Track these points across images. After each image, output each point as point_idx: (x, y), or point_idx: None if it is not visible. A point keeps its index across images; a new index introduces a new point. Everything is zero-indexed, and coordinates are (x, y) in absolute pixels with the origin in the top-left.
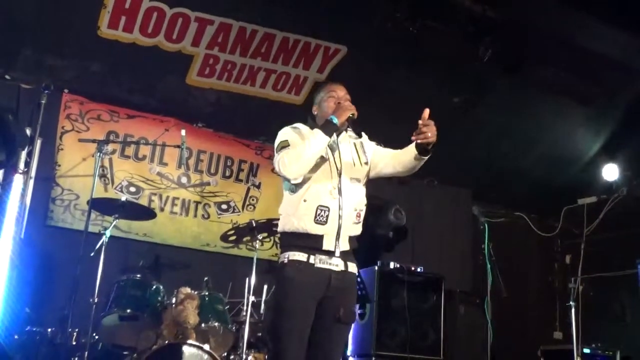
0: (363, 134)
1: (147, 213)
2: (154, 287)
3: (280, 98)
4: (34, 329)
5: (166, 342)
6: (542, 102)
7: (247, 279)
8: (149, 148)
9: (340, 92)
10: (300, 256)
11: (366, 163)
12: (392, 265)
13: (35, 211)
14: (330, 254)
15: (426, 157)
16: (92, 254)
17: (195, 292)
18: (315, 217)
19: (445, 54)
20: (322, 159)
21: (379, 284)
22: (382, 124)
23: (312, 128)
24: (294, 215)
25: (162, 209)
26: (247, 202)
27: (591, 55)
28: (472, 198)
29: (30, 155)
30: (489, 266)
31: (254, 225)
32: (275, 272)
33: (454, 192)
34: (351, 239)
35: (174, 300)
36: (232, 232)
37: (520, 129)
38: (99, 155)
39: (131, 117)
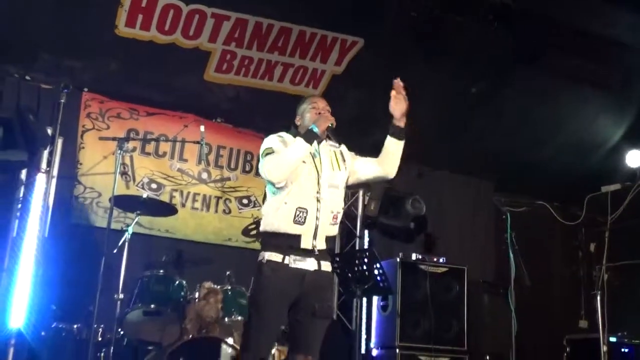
0: (342, 144)
1: (168, 209)
2: (177, 282)
3: (299, 92)
4: (60, 326)
5: (190, 336)
6: (563, 90)
7: None
8: (169, 145)
9: (321, 103)
10: (276, 257)
11: (345, 170)
12: (414, 256)
13: (59, 209)
14: (306, 252)
15: (402, 141)
16: (115, 251)
17: (218, 287)
18: (294, 217)
19: (464, 45)
20: (304, 165)
21: (401, 275)
22: None
23: (295, 136)
24: (274, 216)
25: (183, 205)
26: None
27: (610, 42)
28: (494, 188)
29: (51, 154)
30: (511, 255)
31: None
32: (255, 270)
33: (475, 182)
34: (328, 239)
35: (197, 295)
36: (254, 226)
37: (541, 117)
38: (120, 153)
39: (151, 115)
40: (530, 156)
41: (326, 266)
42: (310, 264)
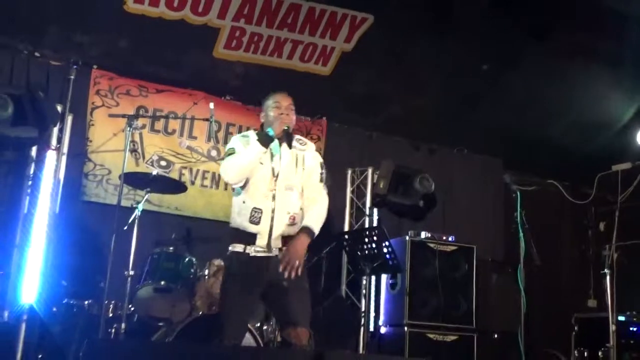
0: (310, 148)
1: (178, 187)
2: (187, 259)
3: (308, 69)
4: (72, 302)
5: (200, 313)
6: (573, 67)
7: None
8: (178, 122)
9: (284, 102)
10: (239, 247)
11: (302, 172)
12: (423, 234)
13: (69, 186)
14: (264, 247)
15: None
16: (125, 228)
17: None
18: (250, 217)
19: (474, 21)
20: (261, 166)
21: (410, 253)
22: (410, 93)
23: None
24: (236, 214)
25: (192, 183)
26: None
27: (621, 17)
28: (503, 166)
29: (61, 131)
30: (521, 234)
31: None
32: None
33: (485, 160)
34: (285, 238)
35: (206, 272)
36: None
37: (551, 94)
38: (129, 130)
39: (160, 92)
40: (540, 134)
41: None
42: (270, 251)
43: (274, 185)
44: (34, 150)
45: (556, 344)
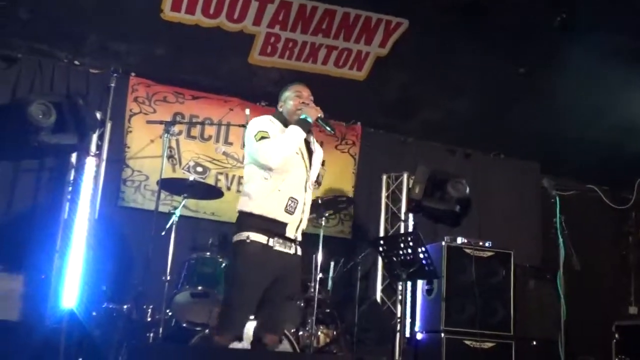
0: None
1: (214, 192)
2: (223, 264)
3: (343, 74)
4: (111, 306)
5: None
6: (614, 69)
7: (314, 256)
8: (214, 128)
9: (305, 92)
10: (261, 238)
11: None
12: (459, 240)
13: (108, 192)
14: (288, 240)
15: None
16: (162, 233)
17: None
18: (286, 206)
19: (511, 23)
20: (297, 156)
21: (446, 259)
22: (446, 97)
23: (284, 123)
24: (265, 200)
25: (228, 188)
26: None
27: None
28: (541, 171)
29: (101, 138)
30: (560, 240)
31: (320, 202)
32: (234, 248)
33: (522, 165)
34: (302, 232)
35: None
36: None
37: (590, 97)
38: (167, 137)
39: (196, 98)
40: (579, 138)
41: (299, 251)
42: (289, 249)
43: (308, 176)
44: (74, 157)
45: (596, 351)
